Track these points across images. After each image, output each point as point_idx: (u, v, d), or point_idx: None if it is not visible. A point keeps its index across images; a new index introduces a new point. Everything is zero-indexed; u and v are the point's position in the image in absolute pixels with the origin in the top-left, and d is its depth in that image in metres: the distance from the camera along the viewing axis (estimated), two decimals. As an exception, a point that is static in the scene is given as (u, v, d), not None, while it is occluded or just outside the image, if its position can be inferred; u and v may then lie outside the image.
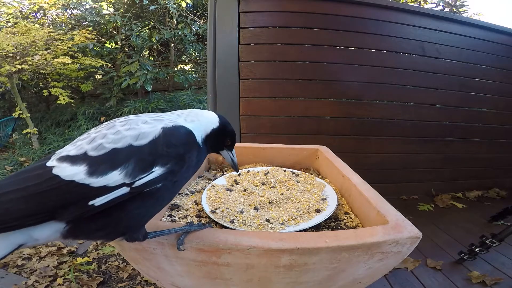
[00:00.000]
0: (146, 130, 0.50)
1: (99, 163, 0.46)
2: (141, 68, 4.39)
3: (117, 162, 0.47)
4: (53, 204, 0.44)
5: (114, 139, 0.49)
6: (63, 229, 0.47)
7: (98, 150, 0.47)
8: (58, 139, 4.65)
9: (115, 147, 0.48)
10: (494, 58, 2.55)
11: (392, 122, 2.42)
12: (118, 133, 0.50)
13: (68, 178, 0.45)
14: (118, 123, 0.53)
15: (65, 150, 0.50)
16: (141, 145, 0.49)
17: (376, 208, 0.66)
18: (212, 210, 0.76)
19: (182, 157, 0.53)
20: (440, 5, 5.87)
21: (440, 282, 1.44)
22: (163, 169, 0.50)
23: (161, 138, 0.50)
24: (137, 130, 0.50)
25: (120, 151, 0.48)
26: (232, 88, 2.11)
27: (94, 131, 0.53)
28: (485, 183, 2.68)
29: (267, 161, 1.17)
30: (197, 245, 0.53)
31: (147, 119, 0.53)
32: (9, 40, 3.84)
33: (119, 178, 0.46)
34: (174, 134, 0.53)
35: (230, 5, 2.05)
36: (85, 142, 0.50)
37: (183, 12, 5.00)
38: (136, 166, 0.47)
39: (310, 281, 0.56)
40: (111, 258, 1.82)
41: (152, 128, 0.51)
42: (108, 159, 0.47)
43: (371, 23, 2.23)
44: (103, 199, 0.46)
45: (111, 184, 0.46)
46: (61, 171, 0.46)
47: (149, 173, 0.48)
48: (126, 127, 0.51)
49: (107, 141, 0.48)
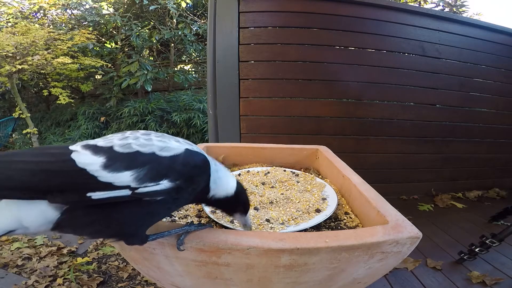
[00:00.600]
0: (173, 146, 0.53)
1: (118, 159, 0.47)
2: (141, 68, 4.39)
3: (134, 164, 0.48)
4: (55, 184, 0.45)
5: (142, 144, 0.51)
6: (54, 219, 0.46)
7: (124, 148, 0.49)
8: (58, 139, 4.65)
9: (140, 150, 0.50)
10: (494, 58, 2.55)
11: (392, 122, 2.42)
12: (149, 140, 0.52)
13: (81, 165, 0.46)
14: (154, 134, 0.55)
15: (95, 140, 0.51)
16: (162, 156, 0.51)
17: (376, 208, 0.66)
18: (212, 210, 0.76)
19: (192, 179, 0.55)
20: (440, 5, 5.87)
21: (440, 282, 1.44)
22: (171, 184, 0.51)
23: (181, 156, 0.53)
24: (166, 143, 0.53)
25: (142, 155, 0.49)
26: (232, 88, 2.12)
27: (129, 133, 0.55)
28: (485, 183, 2.68)
29: (267, 161, 1.17)
30: (197, 245, 0.53)
31: (179, 139, 0.57)
32: (9, 40, 3.84)
33: (128, 179, 0.47)
34: (194, 157, 0.55)
35: (230, 5, 2.05)
36: (117, 138, 0.51)
37: (183, 12, 5.00)
38: (148, 173, 0.48)
39: (310, 281, 0.56)
40: (111, 258, 1.82)
41: (178, 146, 0.54)
42: (127, 158, 0.48)
43: (371, 23, 2.23)
44: (102, 195, 0.46)
45: (116, 183, 0.46)
46: (78, 157, 0.47)
47: (156, 183, 0.49)
48: (159, 138, 0.54)
49: (136, 143, 0.50)
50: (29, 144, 4.74)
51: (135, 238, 0.53)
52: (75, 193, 0.46)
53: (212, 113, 2.18)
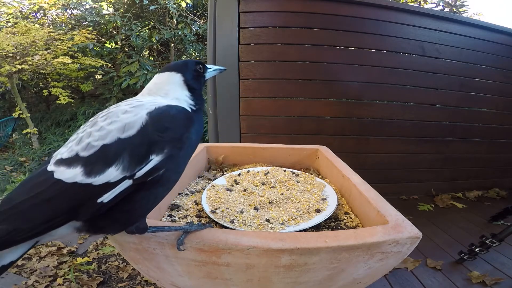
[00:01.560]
0: (130, 120, 0.49)
1: (92, 162, 0.47)
2: (141, 68, 4.39)
3: (110, 158, 0.47)
4: (66, 207, 0.46)
5: (100, 136, 0.48)
6: (78, 226, 0.49)
7: (88, 150, 0.48)
8: (58, 139, 4.65)
9: (104, 143, 0.47)
10: (494, 58, 2.55)
11: (392, 122, 2.42)
12: (102, 129, 0.49)
13: (70, 180, 0.46)
14: (99, 118, 0.52)
15: (59, 153, 0.51)
16: (130, 136, 0.48)
17: (376, 208, 0.66)
18: (212, 210, 0.76)
19: (180, 139, 0.51)
20: (440, 5, 5.88)
21: (440, 282, 1.44)
22: (161, 155, 0.49)
23: (149, 124, 0.49)
24: (121, 122, 0.49)
25: (110, 146, 0.47)
26: (232, 88, 2.11)
27: (81, 130, 0.53)
28: (485, 183, 2.68)
29: (267, 161, 1.17)
30: (197, 245, 0.53)
31: (126, 108, 0.52)
32: (9, 40, 3.84)
33: (118, 173, 0.47)
34: (164, 117, 0.51)
35: (230, 5, 2.05)
36: (74, 143, 0.50)
37: (183, 12, 5.00)
38: (131, 159, 0.47)
39: (310, 281, 0.56)
40: (111, 258, 1.82)
41: (135, 116, 0.49)
42: (100, 157, 0.47)
43: (371, 23, 2.23)
44: (110, 195, 0.47)
45: (112, 180, 0.46)
46: (61, 175, 0.47)
47: (146, 163, 0.48)
48: (108, 121, 0.50)
49: (94, 139, 0.48)
50: (29, 144, 4.74)
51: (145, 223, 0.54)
52: (87, 204, 0.46)
53: (212, 113, 2.18)
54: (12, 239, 0.44)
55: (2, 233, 0.43)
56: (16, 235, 0.44)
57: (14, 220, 0.45)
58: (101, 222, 0.49)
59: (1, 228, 0.44)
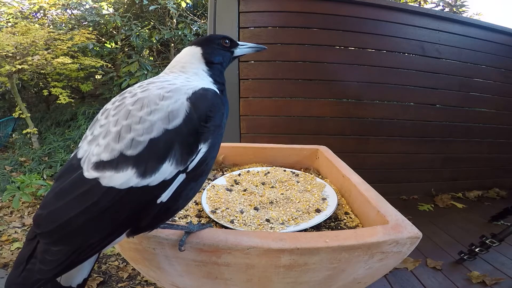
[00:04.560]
0: (173, 108, 0.45)
1: (144, 160, 0.42)
2: (141, 68, 4.39)
3: (162, 153, 0.43)
4: (126, 215, 0.42)
5: (144, 129, 0.43)
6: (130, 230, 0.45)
7: (135, 147, 0.43)
8: (58, 139, 4.65)
9: (151, 137, 0.43)
10: (494, 58, 2.55)
11: (392, 122, 2.42)
12: (143, 121, 0.44)
13: (124, 186, 0.41)
14: (132, 107, 0.46)
15: (91, 153, 0.45)
16: (177, 126, 0.44)
17: (376, 208, 0.66)
18: (212, 210, 0.76)
19: (219, 126, 0.49)
20: (440, 5, 5.87)
21: (440, 282, 1.44)
22: (207, 144, 0.47)
23: (193, 112, 0.46)
24: (163, 110, 0.45)
25: (158, 140, 0.43)
26: (232, 88, 2.11)
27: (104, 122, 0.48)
28: (485, 183, 2.68)
29: (267, 161, 1.16)
30: (197, 245, 0.53)
31: (162, 93, 0.48)
32: (9, 40, 3.84)
33: (172, 168, 0.43)
34: (205, 103, 0.48)
35: (230, 5, 2.05)
36: (111, 139, 0.44)
37: (183, 12, 5.00)
38: (183, 151, 0.44)
39: (310, 281, 0.56)
40: (111, 258, 1.82)
41: (176, 103, 0.46)
42: (151, 153, 0.43)
43: (371, 23, 2.23)
44: (168, 193, 0.44)
45: (168, 177, 0.43)
46: (111, 181, 0.41)
47: (196, 153, 0.45)
48: (146, 110, 0.45)
49: (138, 134, 0.43)
50: (29, 144, 4.73)
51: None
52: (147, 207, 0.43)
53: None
54: (77, 259, 0.40)
55: (65, 255, 0.40)
56: (80, 254, 0.40)
57: (71, 239, 0.40)
58: (145, 221, 0.45)
59: (60, 250, 0.39)
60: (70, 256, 0.40)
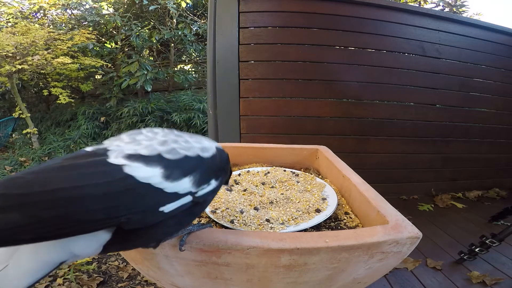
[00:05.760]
0: (207, 145, 0.55)
1: (173, 167, 0.46)
2: (141, 68, 4.39)
3: (188, 169, 0.48)
4: (127, 208, 0.40)
5: (185, 147, 0.50)
6: (105, 241, 0.41)
7: (174, 154, 0.47)
8: (58, 139, 4.65)
9: (187, 154, 0.49)
10: (494, 58, 2.55)
11: (392, 122, 2.42)
12: (187, 142, 0.52)
13: (144, 180, 0.42)
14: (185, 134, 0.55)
15: (127, 149, 0.46)
16: (206, 157, 0.52)
17: (376, 208, 0.66)
18: (212, 210, 0.76)
19: (227, 172, 0.61)
20: (440, 5, 5.87)
21: (440, 282, 1.44)
22: (217, 182, 0.53)
23: (217, 155, 0.55)
24: (201, 143, 0.54)
25: (191, 159, 0.49)
26: (232, 88, 2.12)
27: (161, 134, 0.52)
28: (485, 183, 2.68)
29: (267, 161, 1.16)
30: (197, 245, 0.53)
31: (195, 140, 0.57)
32: (9, 40, 3.84)
33: (189, 185, 0.47)
34: (225, 155, 0.60)
35: (230, 5, 2.05)
36: (156, 143, 0.48)
37: (183, 12, 5.00)
38: (202, 176, 0.49)
39: (310, 281, 0.56)
40: (111, 258, 1.82)
41: (209, 144, 0.56)
42: (181, 164, 0.47)
43: (371, 23, 2.23)
44: (172, 206, 0.44)
45: (181, 191, 0.46)
46: (134, 171, 0.42)
47: (208, 184, 0.51)
48: (193, 139, 0.54)
49: (180, 147, 0.49)
50: (29, 144, 4.74)
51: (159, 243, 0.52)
52: (148, 211, 0.42)
53: (212, 113, 2.18)
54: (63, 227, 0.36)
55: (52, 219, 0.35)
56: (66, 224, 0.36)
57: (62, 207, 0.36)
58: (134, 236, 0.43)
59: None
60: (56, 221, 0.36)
